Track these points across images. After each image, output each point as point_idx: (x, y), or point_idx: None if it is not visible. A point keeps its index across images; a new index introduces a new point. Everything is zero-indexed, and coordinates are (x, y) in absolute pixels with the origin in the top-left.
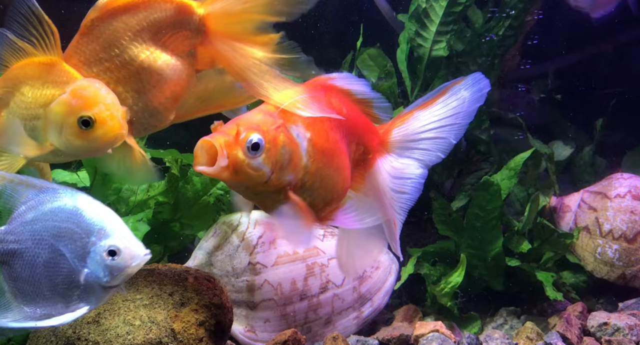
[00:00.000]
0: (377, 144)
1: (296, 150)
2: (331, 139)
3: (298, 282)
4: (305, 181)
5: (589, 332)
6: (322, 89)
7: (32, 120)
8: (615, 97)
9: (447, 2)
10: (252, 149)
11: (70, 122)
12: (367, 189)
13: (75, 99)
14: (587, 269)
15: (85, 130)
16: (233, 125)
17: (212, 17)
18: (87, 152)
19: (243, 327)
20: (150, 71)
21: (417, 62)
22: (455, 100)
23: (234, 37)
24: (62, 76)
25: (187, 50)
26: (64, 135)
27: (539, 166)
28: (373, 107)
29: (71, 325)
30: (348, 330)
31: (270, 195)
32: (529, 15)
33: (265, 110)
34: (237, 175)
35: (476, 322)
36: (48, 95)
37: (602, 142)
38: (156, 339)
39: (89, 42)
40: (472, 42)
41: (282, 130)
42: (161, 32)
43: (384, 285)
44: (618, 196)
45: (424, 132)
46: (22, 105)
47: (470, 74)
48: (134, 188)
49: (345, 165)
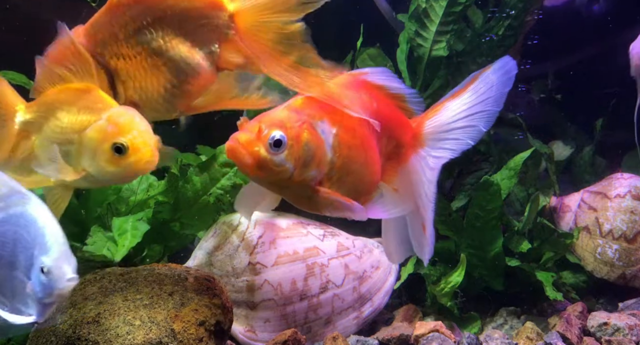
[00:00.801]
0: (410, 137)
1: (320, 146)
2: (359, 134)
3: (298, 282)
4: (332, 176)
5: (589, 332)
6: (354, 84)
7: (67, 145)
8: (615, 97)
9: (447, 2)
10: (274, 146)
11: (104, 148)
12: (401, 181)
13: (110, 126)
14: (587, 269)
15: (118, 157)
16: (256, 122)
17: (241, 14)
18: (118, 179)
19: (243, 327)
20: (164, 58)
21: (417, 62)
22: (483, 85)
23: (262, 37)
24: (98, 103)
25: (211, 45)
26: (97, 160)
27: (539, 166)
28: (406, 101)
29: (71, 325)
30: (348, 330)
31: (296, 190)
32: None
33: (290, 107)
34: (261, 171)
35: (476, 322)
36: (83, 121)
37: (602, 142)
38: (156, 339)
39: (112, 19)
40: (472, 42)
41: (306, 127)
42: (186, 22)
43: (384, 285)
44: (618, 196)
45: (455, 122)
46: (57, 129)
47: (498, 60)
48: (134, 187)
49: (374, 160)
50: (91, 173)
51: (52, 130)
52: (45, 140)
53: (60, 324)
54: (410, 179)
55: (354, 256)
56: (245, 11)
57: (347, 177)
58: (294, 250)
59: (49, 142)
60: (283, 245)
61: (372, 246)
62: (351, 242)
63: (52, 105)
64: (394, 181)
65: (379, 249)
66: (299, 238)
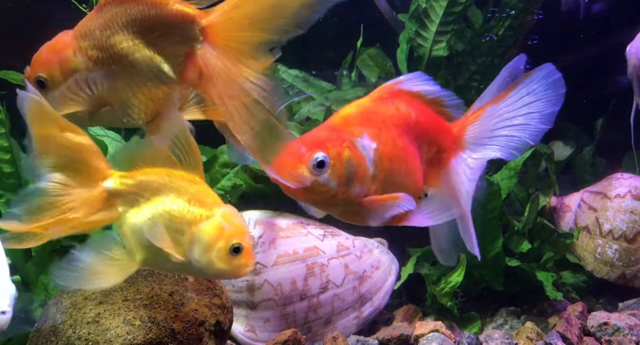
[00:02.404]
0: (451, 142)
1: (362, 162)
2: (399, 145)
3: (298, 282)
4: (376, 189)
5: (589, 332)
6: (389, 96)
7: (175, 233)
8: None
9: (447, 2)
10: (317, 167)
11: (220, 246)
12: (443, 186)
13: (227, 225)
14: (587, 269)
15: (232, 256)
16: (298, 145)
17: (213, 29)
18: (220, 275)
19: (243, 327)
20: (128, 60)
21: (417, 62)
22: (527, 95)
23: (231, 54)
24: (207, 197)
25: (178, 57)
26: (209, 255)
27: (539, 166)
28: (445, 106)
29: (71, 325)
30: (348, 330)
31: (342, 206)
32: (529, 15)
33: (330, 126)
34: (306, 192)
35: (476, 322)
36: (196, 214)
37: (602, 142)
38: (156, 339)
39: (94, 18)
40: (472, 42)
41: (347, 145)
42: (155, 30)
43: (384, 285)
44: (618, 196)
45: (498, 129)
46: (165, 215)
47: (540, 66)
48: None
49: (415, 168)
50: (194, 264)
51: (158, 214)
52: (149, 220)
53: (60, 324)
54: (453, 181)
55: (354, 256)
56: (216, 26)
57: (390, 188)
58: (294, 250)
59: (153, 224)
60: (283, 245)
61: (372, 246)
62: (351, 242)
63: (156, 186)
64: (437, 185)
65: (379, 249)
66: (299, 238)
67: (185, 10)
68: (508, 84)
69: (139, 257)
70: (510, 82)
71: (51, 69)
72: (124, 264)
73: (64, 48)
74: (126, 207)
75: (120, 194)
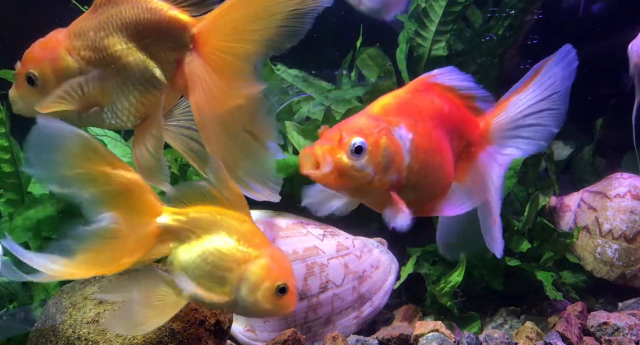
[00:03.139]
0: (479, 136)
1: (399, 151)
2: (434, 137)
3: (298, 282)
4: (410, 179)
5: (589, 332)
6: (424, 89)
7: (225, 271)
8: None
9: (446, 2)
10: (355, 153)
11: (268, 286)
12: (471, 181)
13: (275, 266)
14: (587, 269)
15: (278, 297)
16: (337, 130)
17: (203, 37)
18: (265, 315)
19: (243, 327)
20: (121, 64)
21: (417, 62)
22: (548, 79)
23: (216, 65)
24: (256, 237)
25: (170, 63)
26: (256, 295)
27: (539, 166)
28: (476, 100)
29: (71, 325)
30: (348, 330)
31: (375, 195)
32: (529, 15)
33: (369, 114)
34: (343, 178)
35: (476, 322)
36: (245, 253)
37: (602, 142)
38: (156, 339)
39: (89, 19)
40: (472, 42)
41: (384, 133)
42: (147, 35)
43: (384, 285)
44: (618, 196)
45: (522, 119)
46: (215, 253)
47: (560, 49)
48: None
49: (448, 162)
50: (241, 303)
51: (209, 252)
52: (198, 258)
53: (60, 324)
54: (480, 176)
55: (354, 256)
56: (206, 35)
57: (424, 180)
58: (293, 250)
59: (203, 261)
60: (283, 245)
61: (372, 246)
62: (351, 242)
63: (208, 224)
64: (465, 180)
65: (379, 249)
66: (298, 238)
67: (179, 17)
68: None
69: (188, 293)
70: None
71: (42, 67)
72: (172, 302)
73: (56, 46)
74: (177, 244)
75: (174, 231)
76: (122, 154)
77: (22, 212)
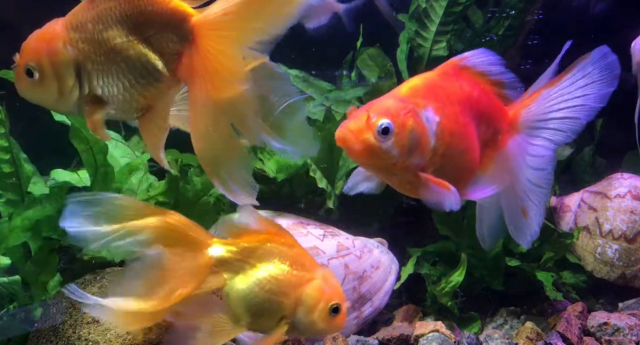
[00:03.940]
0: (507, 124)
1: (424, 133)
2: (460, 122)
3: None
4: (434, 162)
5: (589, 332)
6: (454, 73)
7: (281, 296)
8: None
9: (447, 2)
10: (382, 133)
11: (322, 307)
12: (496, 169)
13: (327, 286)
14: (587, 269)
15: (331, 317)
16: (364, 111)
17: (201, 28)
18: (319, 333)
19: None
20: (122, 57)
21: (417, 62)
22: (582, 77)
23: (213, 57)
24: (305, 260)
25: (172, 55)
26: (311, 316)
27: None
28: (505, 88)
29: (71, 325)
30: (348, 330)
31: (400, 175)
32: (529, 15)
33: (396, 96)
34: (369, 157)
35: (476, 322)
36: (299, 277)
37: (602, 142)
38: (156, 339)
39: (86, 9)
40: (472, 42)
41: (411, 115)
42: (149, 26)
43: (384, 285)
44: (618, 196)
45: (553, 112)
46: (273, 280)
47: (596, 49)
48: (134, 188)
49: (474, 147)
50: (298, 325)
51: (266, 280)
52: (256, 287)
53: (60, 324)
54: (508, 165)
55: (354, 256)
56: (205, 26)
57: (448, 163)
58: None
59: (260, 289)
60: None
61: (372, 246)
62: (351, 242)
63: (260, 253)
64: (489, 168)
65: (379, 249)
66: (298, 238)
67: (180, 8)
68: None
69: (245, 321)
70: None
71: (40, 59)
72: (229, 330)
73: (53, 38)
74: (232, 274)
75: (226, 261)
76: (122, 154)
77: (21, 212)
